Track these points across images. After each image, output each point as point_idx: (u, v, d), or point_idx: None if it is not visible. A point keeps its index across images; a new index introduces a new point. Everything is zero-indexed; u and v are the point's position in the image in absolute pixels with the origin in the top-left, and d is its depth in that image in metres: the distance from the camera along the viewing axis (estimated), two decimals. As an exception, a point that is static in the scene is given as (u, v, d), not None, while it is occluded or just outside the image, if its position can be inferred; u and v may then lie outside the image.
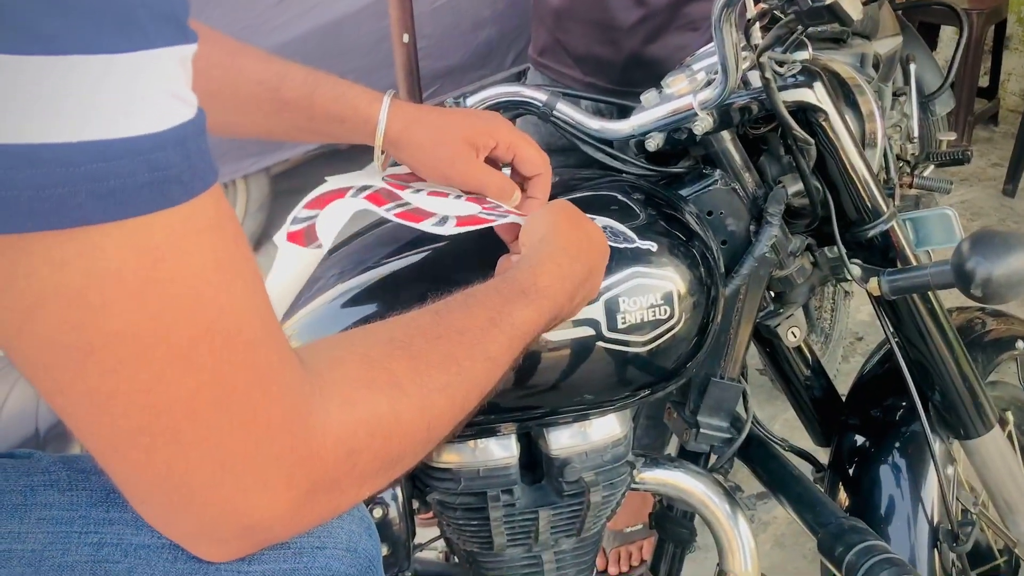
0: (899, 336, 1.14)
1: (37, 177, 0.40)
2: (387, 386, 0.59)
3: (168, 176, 0.44)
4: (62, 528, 0.56)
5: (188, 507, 0.52)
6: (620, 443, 0.99)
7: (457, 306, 0.69)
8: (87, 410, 0.47)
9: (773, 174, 1.07)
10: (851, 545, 0.93)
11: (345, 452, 0.55)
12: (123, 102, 0.42)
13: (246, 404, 0.50)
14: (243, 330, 0.50)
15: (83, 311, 0.44)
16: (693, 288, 0.93)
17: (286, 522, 0.55)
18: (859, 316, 2.70)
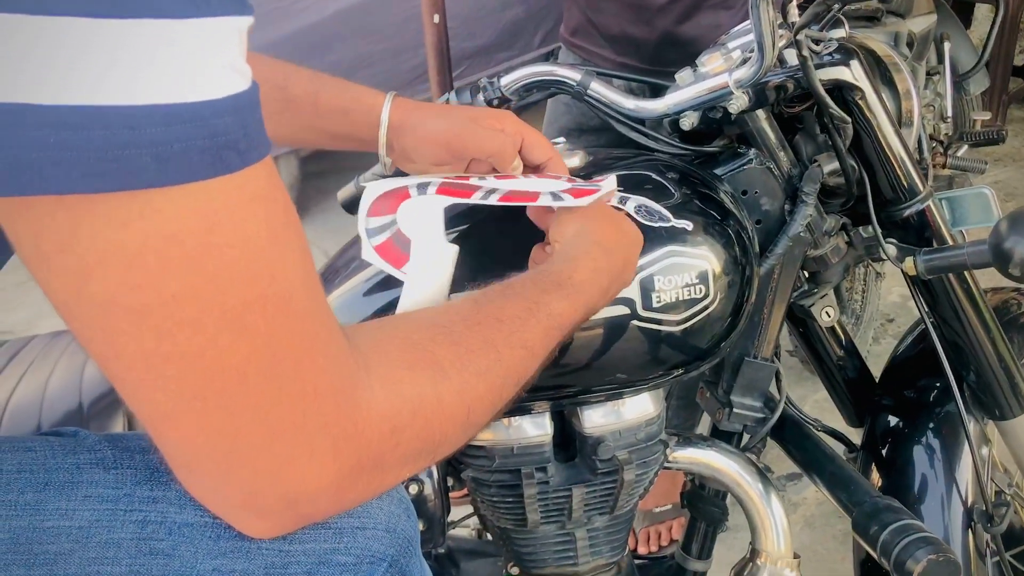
0: (934, 316, 1.14)
1: (104, 138, 0.41)
2: (430, 368, 0.60)
3: (226, 143, 0.45)
4: (107, 506, 0.57)
5: (236, 475, 0.53)
6: (653, 422, 1.00)
7: (496, 295, 0.70)
8: (142, 374, 0.48)
9: (808, 153, 1.06)
10: (886, 524, 0.93)
11: (389, 429, 0.56)
12: (186, 67, 0.43)
13: (295, 372, 0.51)
14: (293, 299, 0.50)
15: (141, 272, 0.45)
16: (728, 267, 0.93)
17: (330, 496, 0.55)
18: (890, 298, 2.69)
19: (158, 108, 0.42)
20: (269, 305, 0.49)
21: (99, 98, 0.41)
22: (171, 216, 0.44)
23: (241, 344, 0.48)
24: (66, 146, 0.41)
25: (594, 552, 1.02)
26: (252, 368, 0.49)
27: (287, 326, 0.50)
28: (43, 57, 0.40)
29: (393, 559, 0.63)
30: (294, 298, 0.51)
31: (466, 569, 1.14)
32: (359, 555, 0.61)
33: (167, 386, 0.48)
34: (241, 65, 0.46)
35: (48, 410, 0.89)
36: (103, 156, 0.41)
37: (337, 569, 0.61)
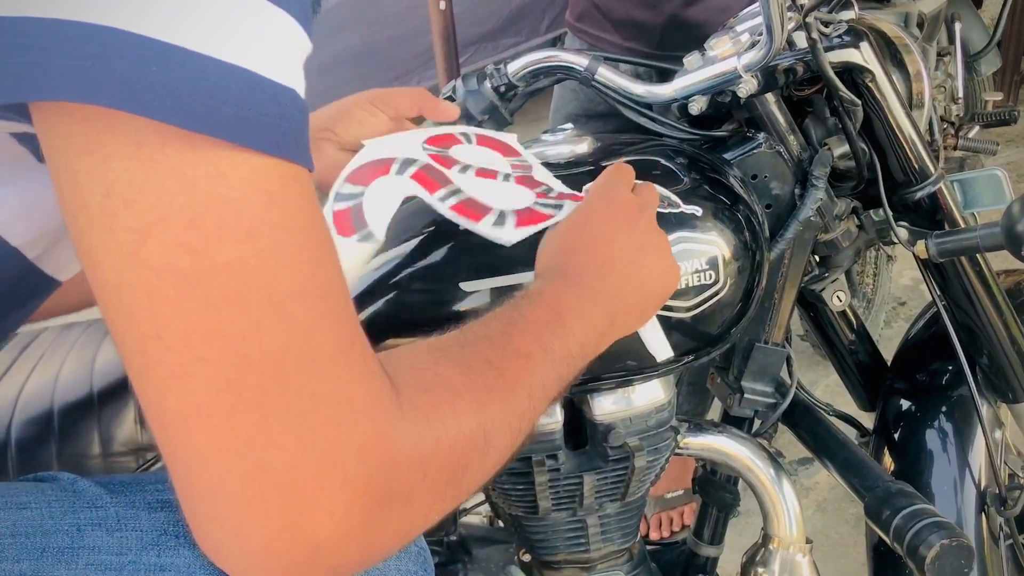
0: (946, 299, 1.13)
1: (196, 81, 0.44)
2: (445, 391, 0.58)
3: (292, 130, 0.47)
4: (111, 574, 0.54)
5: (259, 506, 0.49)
6: (664, 408, 0.99)
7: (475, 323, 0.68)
8: (180, 357, 0.47)
9: (818, 136, 1.06)
10: (899, 509, 0.93)
11: (418, 459, 0.53)
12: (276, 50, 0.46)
13: (332, 376, 0.49)
14: (330, 298, 0.50)
15: (200, 235, 0.46)
16: (738, 252, 0.93)
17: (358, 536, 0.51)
18: (901, 281, 2.68)
19: (244, 71, 0.45)
20: (310, 298, 0.49)
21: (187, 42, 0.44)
22: (235, 183, 0.46)
23: (281, 332, 0.48)
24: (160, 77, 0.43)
25: (606, 538, 1.02)
26: (291, 362, 0.48)
27: (326, 324, 0.50)
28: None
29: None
30: (330, 297, 0.50)
31: (478, 556, 1.14)
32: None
33: (204, 372, 0.47)
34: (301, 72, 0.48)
35: (60, 399, 0.89)
36: (193, 96, 0.44)
37: None
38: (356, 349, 0.51)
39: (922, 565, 0.88)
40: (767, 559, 1.06)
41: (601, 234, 0.78)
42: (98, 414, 0.89)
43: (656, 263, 0.80)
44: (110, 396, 0.91)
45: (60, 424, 0.88)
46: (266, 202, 0.47)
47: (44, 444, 0.88)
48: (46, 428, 0.89)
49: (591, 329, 0.73)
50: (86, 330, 1.00)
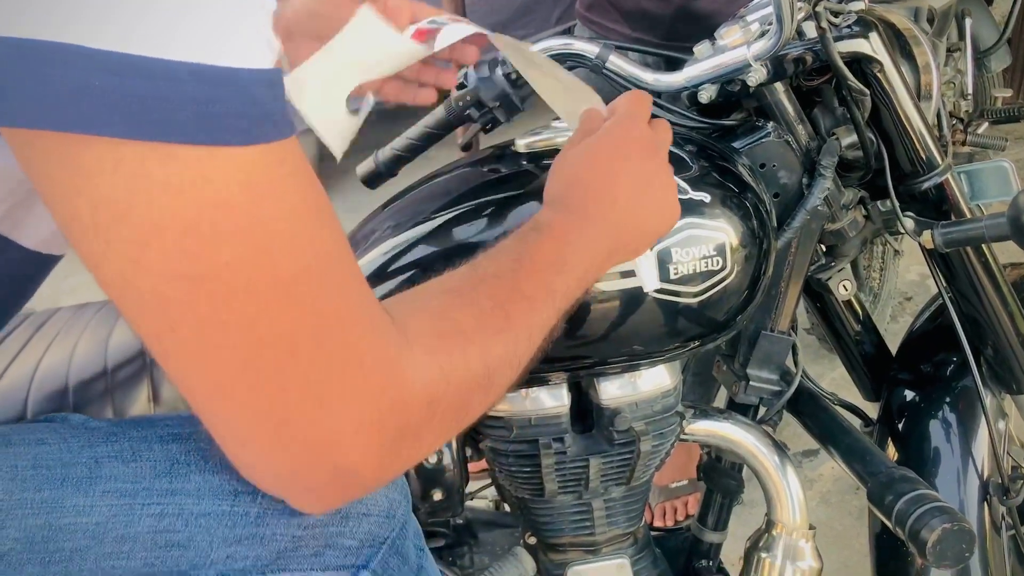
0: (952, 290, 1.14)
1: (145, 88, 0.43)
2: (455, 334, 0.61)
3: (264, 112, 0.47)
4: (125, 500, 0.57)
5: (285, 449, 0.54)
6: (670, 394, 1.01)
7: (484, 257, 0.71)
8: (196, 346, 0.50)
9: (826, 126, 1.06)
10: (901, 494, 0.94)
11: (427, 401, 0.57)
12: (220, 30, 0.45)
13: (343, 342, 0.52)
14: (333, 271, 0.52)
15: (197, 240, 0.46)
16: (745, 240, 0.94)
17: (373, 468, 0.56)
18: (908, 276, 2.68)
19: (196, 66, 0.44)
20: (314, 276, 0.51)
21: (145, 50, 0.43)
22: (220, 185, 0.46)
23: (290, 313, 0.50)
24: (109, 90, 0.42)
25: (611, 522, 1.03)
26: (302, 337, 0.51)
27: (332, 296, 0.52)
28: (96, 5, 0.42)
29: (392, 541, 0.66)
30: (334, 270, 0.52)
31: (484, 539, 1.15)
32: (362, 539, 0.64)
33: (220, 356, 0.50)
34: (273, 41, 0.47)
35: (75, 377, 0.91)
36: (144, 105, 0.43)
37: (342, 552, 0.63)
38: (363, 308, 0.54)
39: (924, 549, 0.89)
40: (770, 544, 1.07)
41: (609, 165, 0.79)
42: (112, 392, 0.90)
43: (659, 199, 0.81)
44: (124, 374, 0.92)
45: (75, 401, 0.89)
46: (255, 196, 0.48)
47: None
48: (60, 405, 0.90)
49: (590, 262, 0.75)
50: (100, 310, 1.01)
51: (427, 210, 0.97)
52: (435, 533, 1.12)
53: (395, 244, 0.95)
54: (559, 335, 0.89)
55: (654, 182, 0.80)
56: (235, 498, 0.59)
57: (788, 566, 1.05)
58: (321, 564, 0.62)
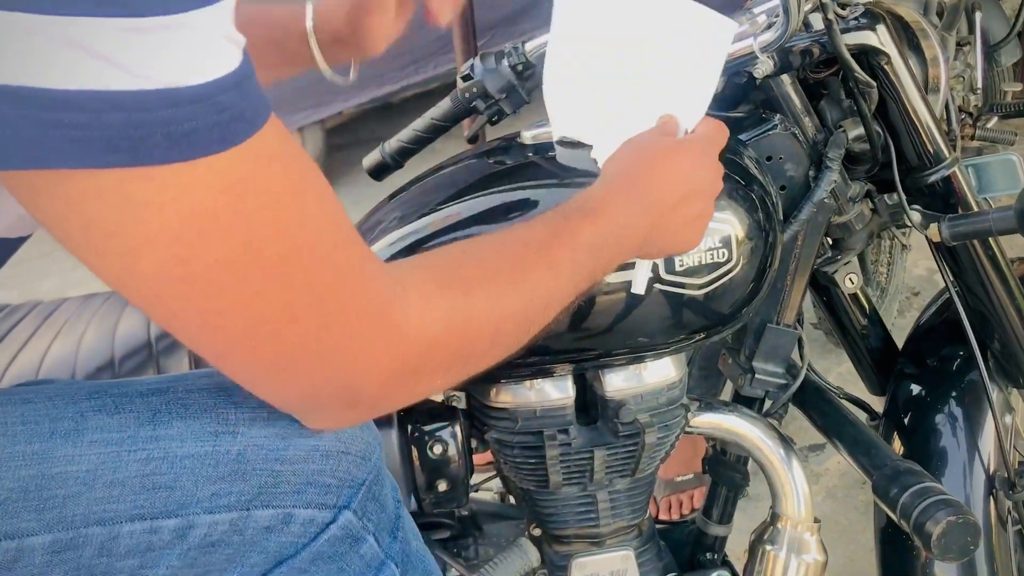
0: (959, 284, 1.13)
1: (118, 119, 0.46)
2: (458, 287, 0.64)
3: (233, 115, 0.49)
4: (112, 448, 0.60)
5: (294, 387, 0.60)
6: (675, 386, 1.01)
7: (521, 226, 0.74)
8: (198, 328, 0.55)
9: (833, 119, 1.06)
10: (906, 486, 0.94)
11: (426, 342, 0.61)
12: (191, 54, 0.47)
13: (338, 301, 0.56)
14: (324, 239, 0.56)
15: (185, 247, 0.50)
16: (752, 232, 0.94)
17: (378, 395, 0.62)
18: (916, 271, 2.67)
19: (168, 91, 0.46)
20: (304, 251, 0.54)
21: (111, 85, 0.45)
22: (200, 194, 0.49)
23: (284, 290, 0.54)
24: (80, 125, 0.45)
25: (615, 514, 1.03)
26: (298, 306, 0.55)
27: (324, 264, 0.55)
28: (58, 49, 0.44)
29: (369, 485, 0.69)
30: (324, 238, 0.56)
31: (488, 531, 1.16)
32: (341, 478, 0.67)
33: (223, 334, 0.55)
34: (236, 37, 0.50)
35: (82, 367, 0.91)
36: (116, 135, 0.46)
37: (322, 489, 0.66)
38: (356, 267, 0.58)
39: (928, 542, 0.89)
40: (775, 537, 1.07)
41: (681, 173, 0.81)
42: None
43: (697, 223, 0.83)
44: (130, 365, 0.93)
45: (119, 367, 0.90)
46: (238, 195, 0.51)
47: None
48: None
49: (620, 254, 0.79)
50: (107, 300, 1.02)
51: (433, 201, 0.97)
52: (440, 524, 1.12)
53: (401, 235, 0.95)
54: (563, 326, 0.90)
55: (704, 209, 0.83)
56: (216, 439, 0.63)
57: (793, 559, 1.05)
58: (303, 501, 0.65)
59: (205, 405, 0.63)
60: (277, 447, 0.64)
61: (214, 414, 0.63)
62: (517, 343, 0.71)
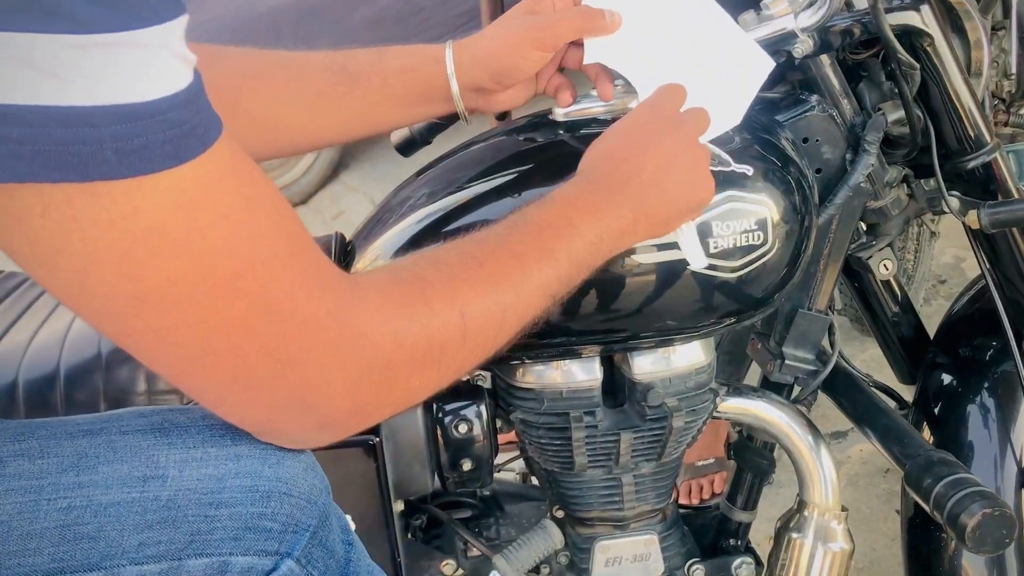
0: (995, 273, 1.11)
1: (66, 135, 0.45)
2: (416, 283, 0.64)
3: (184, 132, 0.49)
4: (30, 497, 0.57)
5: (257, 404, 0.58)
6: (704, 370, 0.99)
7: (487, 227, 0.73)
8: (153, 345, 0.54)
9: (872, 101, 1.03)
10: (940, 477, 0.92)
11: (391, 334, 0.60)
12: (140, 71, 0.47)
13: (294, 311, 0.55)
14: (277, 251, 0.55)
15: (135, 264, 0.49)
16: (787, 215, 0.92)
17: (347, 408, 0.60)
18: (943, 259, 2.63)
19: (117, 107, 0.46)
20: (256, 265, 0.53)
21: (60, 100, 0.45)
22: (150, 212, 0.49)
23: (237, 304, 0.53)
24: (28, 140, 0.45)
25: (640, 498, 1.03)
26: (253, 319, 0.54)
27: (276, 275, 0.55)
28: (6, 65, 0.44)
29: (315, 530, 0.65)
30: (278, 250, 0.55)
31: (510, 512, 1.15)
32: (285, 523, 0.62)
33: (178, 350, 0.54)
34: (188, 55, 0.49)
35: (67, 356, 0.90)
36: (64, 150, 0.45)
37: (263, 535, 0.62)
38: (312, 277, 0.57)
39: (963, 534, 0.87)
40: (802, 525, 1.05)
41: (635, 141, 0.81)
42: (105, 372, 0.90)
43: (687, 173, 0.82)
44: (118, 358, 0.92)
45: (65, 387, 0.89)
46: (187, 212, 0.50)
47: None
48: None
49: (607, 228, 0.77)
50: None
51: (462, 179, 0.95)
52: (462, 504, 1.12)
53: (429, 212, 0.94)
54: (592, 307, 0.89)
55: (682, 156, 0.81)
56: (144, 484, 0.59)
57: (819, 547, 1.04)
58: (241, 548, 0.61)
59: (136, 447, 0.60)
60: (211, 489, 0.60)
61: (144, 457, 0.60)
62: (496, 335, 0.69)
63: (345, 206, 3.31)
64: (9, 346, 0.92)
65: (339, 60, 0.92)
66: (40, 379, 0.89)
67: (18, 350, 0.91)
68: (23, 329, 0.94)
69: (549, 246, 0.72)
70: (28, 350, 0.91)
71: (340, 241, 1.03)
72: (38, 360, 0.90)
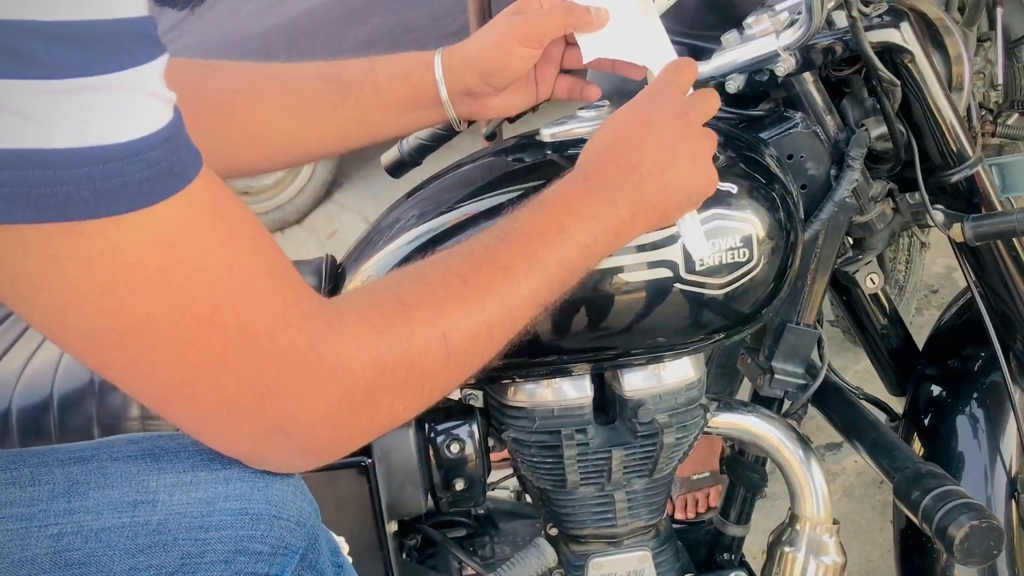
0: (981, 285, 1.12)
1: (43, 176, 0.46)
2: (395, 304, 0.63)
3: (162, 170, 0.49)
4: (21, 524, 0.58)
5: (238, 431, 0.58)
6: (694, 386, 1.00)
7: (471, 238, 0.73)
8: (134, 377, 0.55)
9: (855, 117, 1.05)
10: (928, 489, 0.93)
11: (370, 361, 0.60)
12: (117, 113, 0.47)
13: (272, 342, 0.56)
14: (256, 284, 0.55)
15: (114, 300, 0.50)
16: (772, 232, 0.93)
17: (328, 435, 0.60)
18: (934, 269, 2.65)
19: (94, 149, 0.46)
20: (235, 299, 0.54)
21: (37, 143, 0.45)
22: (128, 249, 0.49)
23: (216, 338, 0.54)
24: (7, 183, 0.45)
25: (633, 514, 1.03)
26: (232, 352, 0.54)
27: (255, 308, 0.55)
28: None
29: (304, 553, 0.65)
30: (257, 283, 0.55)
31: (504, 530, 1.15)
32: (274, 545, 0.63)
33: (158, 382, 0.55)
34: (166, 95, 0.50)
35: (60, 383, 0.91)
36: (41, 192, 0.46)
37: (253, 558, 0.62)
38: (292, 306, 0.57)
39: (951, 546, 0.88)
40: (794, 538, 1.06)
41: (634, 132, 0.80)
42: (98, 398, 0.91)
43: (688, 163, 0.80)
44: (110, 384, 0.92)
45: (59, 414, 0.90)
46: (166, 249, 0.50)
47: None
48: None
49: (601, 229, 0.76)
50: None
51: (452, 199, 0.96)
52: (456, 523, 1.12)
53: (419, 233, 0.94)
54: (582, 325, 0.90)
55: (681, 144, 0.80)
56: (135, 509, 0.60)
57: (812, 561, 1.05)
58: (232, 571, 0.62)
59: (127, 473, 0.61)
60: (201, 513, 0.61)
61: (135, 482, 0.60)
62: (483, 352, 0.69)
63: (339, 225, 3.32)
64: (3, 373, 0.92)
65: (331, 70, 0.92)
66: (34, 406, 0.90)
67: (12, 377, 0.92)
68: (16, 356, 0.94)
69: (539, 256, 0.71)
70: (21, 377, 0.91)
71: (331, 263, 1.04)
72: (31, 387, 0.91)
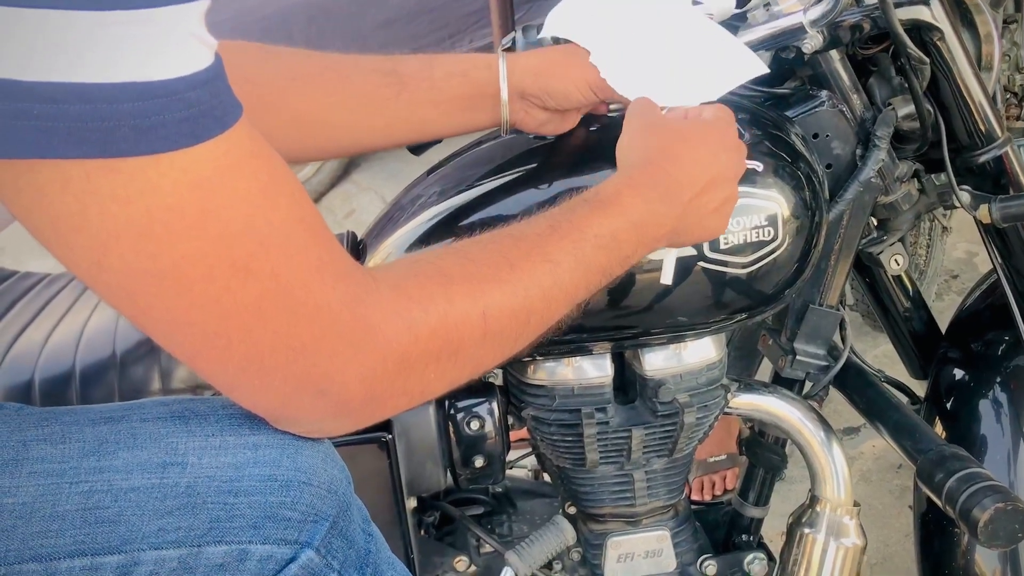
0: (1007, 267, 1.11)
1: (84, 111, 0.46)
2: (435, 276, 0.63)
3: (202, 112, 0.49)
4: (52, 480, 0.58)
5: (269, 389, 0.58)
6: (715, 366, 0.99)
7: (520, 222, 0.72)
8: (168, 325, 0.55)
9: (882, 96, 1.03)
10: (952, 472, 0.92)
11: (405, 326, 0.60)
12: (159, 49, 0.47)
13: (306, 296, 0.55)
14: (293, 238, 0.55)
15: (152, 242, 0.50)
16: (798, 211, 0.92)
17: (362, 397, 0.60)
18: (955, 254, 2.62)
19: (134, 85, 0.46)
20: (272, 248, 0.54)
21: (78, 76, 0.45)
22: (167, 190, 0.49)
23: (252, 287, 0.53)
24: (48, 116, 0.45)
25: (651, 494, 1.03)
26: (266, 303, 0.54)
27: (291, 261, 0.55)
28: (26, 41, 0.44)
29: (334, 520, 0.65)
30: (293, 237, 0.55)
31: (522, 508, 1.15)
32: (304, 512, 0.63)
33: (193, 331, 0.54)
34: (208, 39, 0.50)
35: (83, 355, 0.91)
36: (83, 126, 0.46)
37: (282, 524, 0.62)
38: (328, 265, 0.57)
39: (975, 528, 0.87)
40: (814, 520, 1.05)
41: (701, 158, 0.80)
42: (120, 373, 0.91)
43: (721, 205, 0.82)
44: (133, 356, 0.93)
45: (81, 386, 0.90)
46: (204, 193, 0.50)
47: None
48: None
49: (644, 244, 0.77)
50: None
51: (472, 176, 0.96)
52: (474, 500, 1.12)
53: (440, 210, 0.94)
54: (603, 304, 0.89)
55: (730, 194, 0.82)
56: (164, 471, 0.60)
57: (832, 542, 1.04)
58: (261, 537, 0.61)
59: (156, 434, 0.61)
60: (230, 477, 0.61)
61: (164, 444, 0.60)
62: (517, 337, 0.68)
63: (356, 205, 3.32)
64: (26, 344, 0.93)
65: (389, 64, 0.92)
66: (56, 377, 0.90)
67: (35, 348, 0.92)
68: (39, 328, 0.95)
69: (587, 258, 0.71)
70: (44, 349, 0.92)
71: (352, 239, 1.04)
72: (54, 358, 0.91)
